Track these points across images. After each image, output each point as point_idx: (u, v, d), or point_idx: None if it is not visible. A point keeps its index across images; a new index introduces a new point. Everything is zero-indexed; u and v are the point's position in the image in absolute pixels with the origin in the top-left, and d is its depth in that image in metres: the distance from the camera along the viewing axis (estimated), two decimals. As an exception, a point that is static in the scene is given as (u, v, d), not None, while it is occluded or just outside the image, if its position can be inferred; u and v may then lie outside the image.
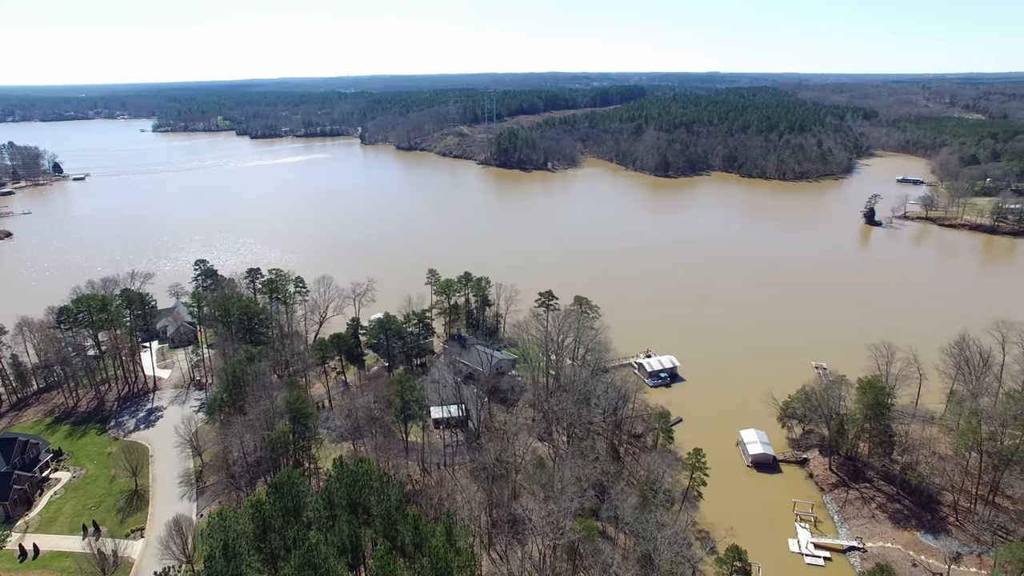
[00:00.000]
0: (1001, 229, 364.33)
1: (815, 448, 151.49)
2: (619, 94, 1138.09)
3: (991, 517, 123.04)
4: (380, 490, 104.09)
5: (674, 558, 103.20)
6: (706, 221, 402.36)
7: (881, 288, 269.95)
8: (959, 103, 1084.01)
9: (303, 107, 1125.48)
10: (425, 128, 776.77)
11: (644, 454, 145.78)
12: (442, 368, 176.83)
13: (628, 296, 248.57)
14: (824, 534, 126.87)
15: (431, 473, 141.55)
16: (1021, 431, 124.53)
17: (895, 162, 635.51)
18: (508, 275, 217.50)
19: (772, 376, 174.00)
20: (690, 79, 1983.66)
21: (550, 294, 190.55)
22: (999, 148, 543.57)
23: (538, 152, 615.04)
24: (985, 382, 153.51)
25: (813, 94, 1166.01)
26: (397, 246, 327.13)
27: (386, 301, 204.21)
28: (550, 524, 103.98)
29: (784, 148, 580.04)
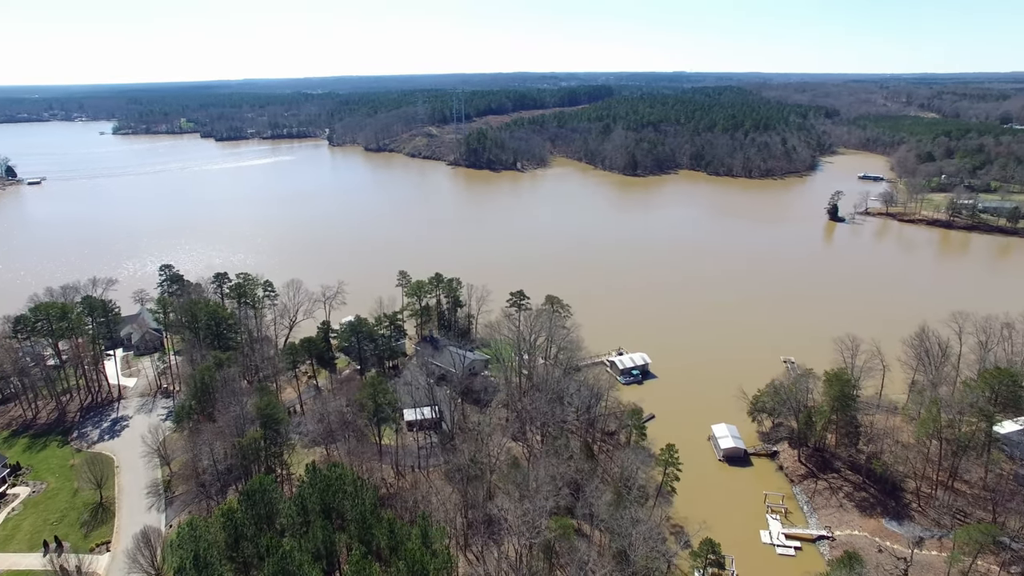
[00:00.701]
0: (956, 224, 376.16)
1: (784, 440, 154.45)
2: (587, 94, 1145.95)
3: (950, 502, 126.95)
4: (354, 494, 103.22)
5: (649, 553, 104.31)
6: (675, 219, 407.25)
7: (845, 282, 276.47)
8: (915, 102, 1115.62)
9: (269, 108, 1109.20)
10: (394, 129, 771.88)
11: (618, 451, 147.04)
12: (415, 370, 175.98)
13: (599, 294, 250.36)
14: (794, 524, 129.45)
15: (405, 476, 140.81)
16: (977, 418, 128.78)
17: (856, 159, 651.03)
18: (479, 276, 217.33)
19: (742, 371, 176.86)
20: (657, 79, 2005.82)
21: (521, 294, 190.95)
22: (952, 146, 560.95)
23: (507, 152, 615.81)
24: (944, 372, 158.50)
25: (777, 93, 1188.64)
26: (367, 248, 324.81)
27: (357, 304, 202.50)
28: (526, 523, 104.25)
29: (750, 146, 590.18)
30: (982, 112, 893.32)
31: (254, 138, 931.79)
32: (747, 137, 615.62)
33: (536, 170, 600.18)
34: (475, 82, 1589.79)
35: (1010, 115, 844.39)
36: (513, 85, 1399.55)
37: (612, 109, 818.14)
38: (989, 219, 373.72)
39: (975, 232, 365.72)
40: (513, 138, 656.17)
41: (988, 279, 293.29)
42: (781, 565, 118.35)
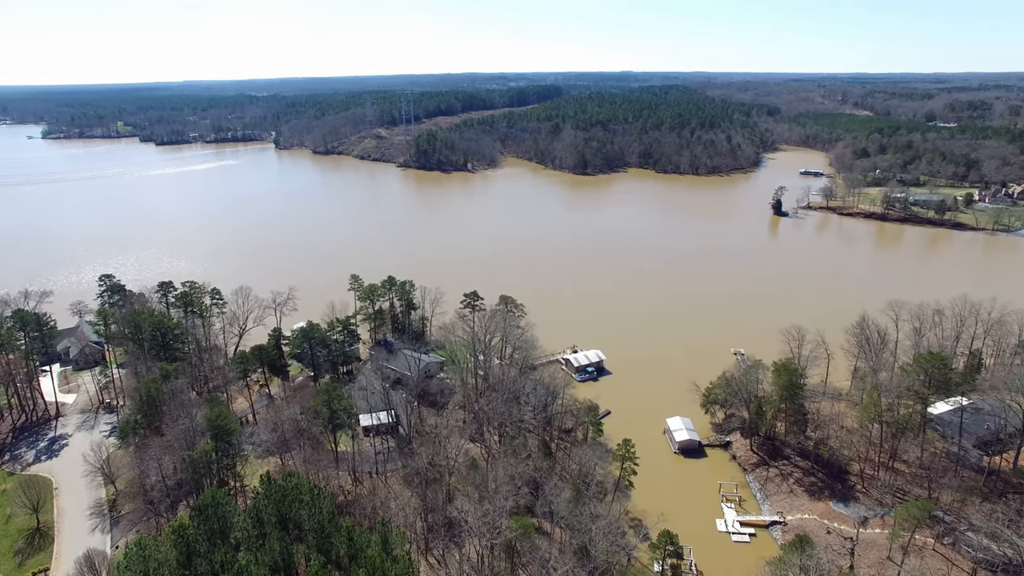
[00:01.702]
0: (890, 216, 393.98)
1: (737, 431, 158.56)
2: (536, 94, 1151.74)
3: (891, 481, 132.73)
4: (311, 503, 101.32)
5: (609, 547, 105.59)
6: (625, 217, 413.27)
7: (791, 275, 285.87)
8: (850, 100, 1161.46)
9: (212, 111, 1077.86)
10: (342, 131, 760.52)
11: (575, 448, 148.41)
12: (369, 374, 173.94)
13: (553, 293, 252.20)
14: (748, 512, 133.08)
15: (363, 482, 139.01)
16: (913, 401, 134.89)
17: (798, 155, 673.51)
18: (432, 277, 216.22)
19: (694, 364, 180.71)
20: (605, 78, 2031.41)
21: (475, 295, 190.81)
22: (885, 142, 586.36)
23: (457, 153, 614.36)
24: (883, 358, 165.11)
25: (721, 92, 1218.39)
26: (318, 253, 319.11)
27: (308, 309, 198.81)
28: (486, 524, 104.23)
29: (696, 144, 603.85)
30: (910, 110, 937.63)
31: (197, 142, 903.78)
32: (693, 135, 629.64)
33: (487, 170, 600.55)
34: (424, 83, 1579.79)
35: (934, 113, 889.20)
36: (462, 86, 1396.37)
37: (561, 109, 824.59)
38: (919, 211, 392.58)
39: (907, 224, 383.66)
40: (463, 139, 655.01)
41: (920, 268, 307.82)
42: (737, 552, 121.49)
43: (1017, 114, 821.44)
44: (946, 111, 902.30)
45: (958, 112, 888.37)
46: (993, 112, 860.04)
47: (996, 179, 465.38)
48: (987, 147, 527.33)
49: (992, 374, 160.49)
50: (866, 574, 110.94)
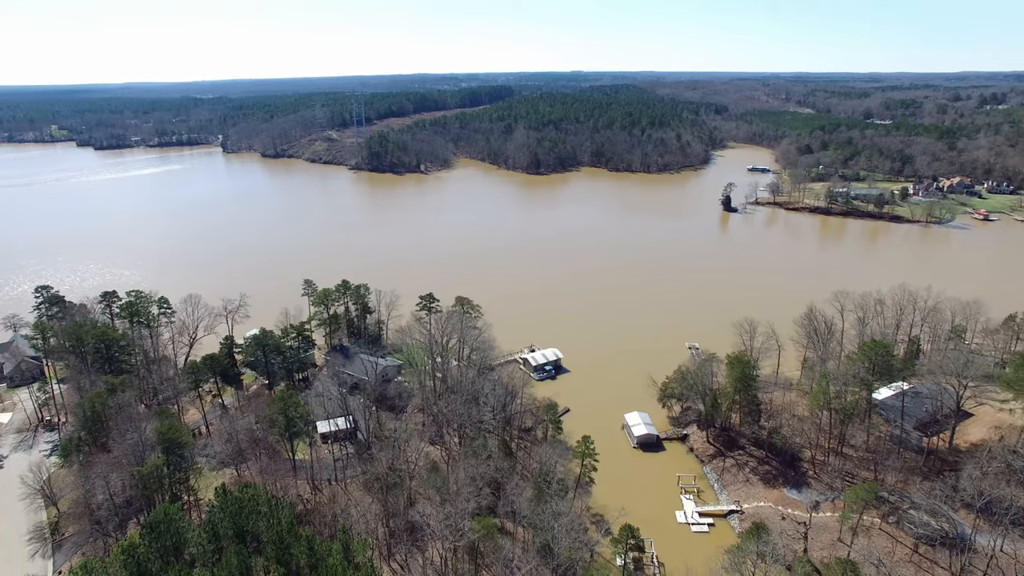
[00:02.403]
0: (833, 210, 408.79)
1: (693, 423, 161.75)
2: (488, 94, 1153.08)
3: (840, 466, 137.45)
4: (269, 514, 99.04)
5: (572, 544, 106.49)
6: (579, 216, 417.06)
7: (742, 269, 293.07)
8: (793, 99, 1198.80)
9: (155, 114, 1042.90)
10: (292, 134, 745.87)
11: (535, 447, 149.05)
12: (326, 380, 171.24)
13: (509, 293, 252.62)
14: (707, 502, 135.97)
15: (322, 490, 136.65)
16: (859, 388, 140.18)
17: (745, 152, 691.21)
18: (388, 280, 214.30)
19: (650, 359, 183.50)
20: (556, 78, 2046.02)
21: (431, 297, 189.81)
22: (827, 139, 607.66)
23: (410, 155, 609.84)
24: (830, 347, 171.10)
25: (670, 91, 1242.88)
26: (270, 258, 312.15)
27: (261, 316, 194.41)
28: (449, 527, 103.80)
29: (647, 142, 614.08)
30: (849, 108, 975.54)
31: (140, 146, 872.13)
32: (644, 133, 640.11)
33: (440, 172, 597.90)
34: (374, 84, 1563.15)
35: (871, 111, 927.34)
36: (413, 87, 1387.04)
37: (513, 109, 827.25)
38: (860, 205, 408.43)
39: (849, 217, 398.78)
40: (415, 140, 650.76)
41: (862, 259, 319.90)
42: (696, 542, 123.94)
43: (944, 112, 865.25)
44: (881, 109, 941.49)
45: (892, 110, 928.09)
46: (923, 110, 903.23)
47: (928, 174, 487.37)
48: (919, 143, 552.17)
49: (929, 359, 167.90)
50: (819, 556, 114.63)
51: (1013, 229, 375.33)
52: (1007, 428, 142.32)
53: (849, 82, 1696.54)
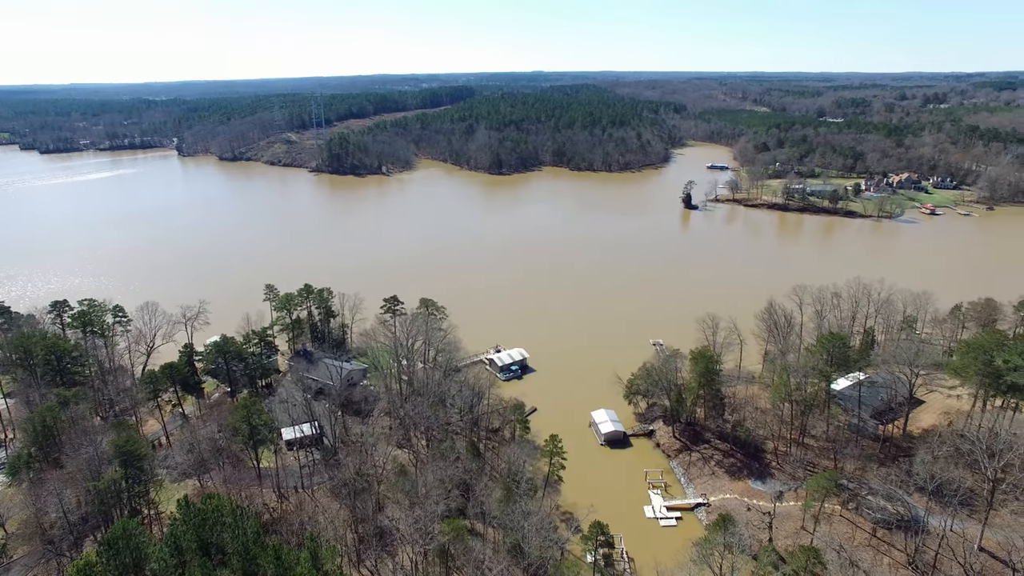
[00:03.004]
0: (790, 207, 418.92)
1: (659, 419, 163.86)
2: (449, 95, 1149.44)
3: (802, 456, 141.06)
4: (234, 525, 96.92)
5: (542, 543, 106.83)
6: (542, 215, 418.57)
7: (703, 265, 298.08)
8: (749, 98, 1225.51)
9: (105, 117, 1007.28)
10: (250, 136, 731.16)
11: (503, 447, 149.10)
12: (290, 386, 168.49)
13: (474, 294, 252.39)
14: (674, 496, 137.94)
15: (289, 498, 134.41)
16: (818, 379, 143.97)
17: (704, 150, 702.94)
18: (351, 284, 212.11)
19: (616, 357, 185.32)
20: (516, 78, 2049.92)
21: (395, 299, 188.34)
22: (782, 137, 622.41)
23: (371, 156, 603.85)
24: (790, 340, 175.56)
25: (629, 90, 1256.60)
26: (229, 264, 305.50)
27: (222, 323, 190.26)
28: (418, 530, 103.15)
29: (608, 141, 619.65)
30: (803, 107, 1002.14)
31: (89, 149, 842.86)
32: (605, 133, 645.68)
33: (402, 173, 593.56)
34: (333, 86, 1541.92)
35: (824, 110, 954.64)
36: (373, 88, 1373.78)
37: (474, 109, 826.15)
38: (816, 201, 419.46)
39: (806, 213, 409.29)
40: (376, 142, 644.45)
41: (819, 254, 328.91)
42: (665, 535, 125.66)
43: (891, 111, 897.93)
44: (833, 108, 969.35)
45: (844, 109, 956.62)
46: (872, 109, 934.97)
47: (878, 170, 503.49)
48: (869, 141, 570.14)
49: (883, 349, 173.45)
50: (783, 545, 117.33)
51: (956, 223, 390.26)
52: (955, 413, 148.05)
53: (803, 81, 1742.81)
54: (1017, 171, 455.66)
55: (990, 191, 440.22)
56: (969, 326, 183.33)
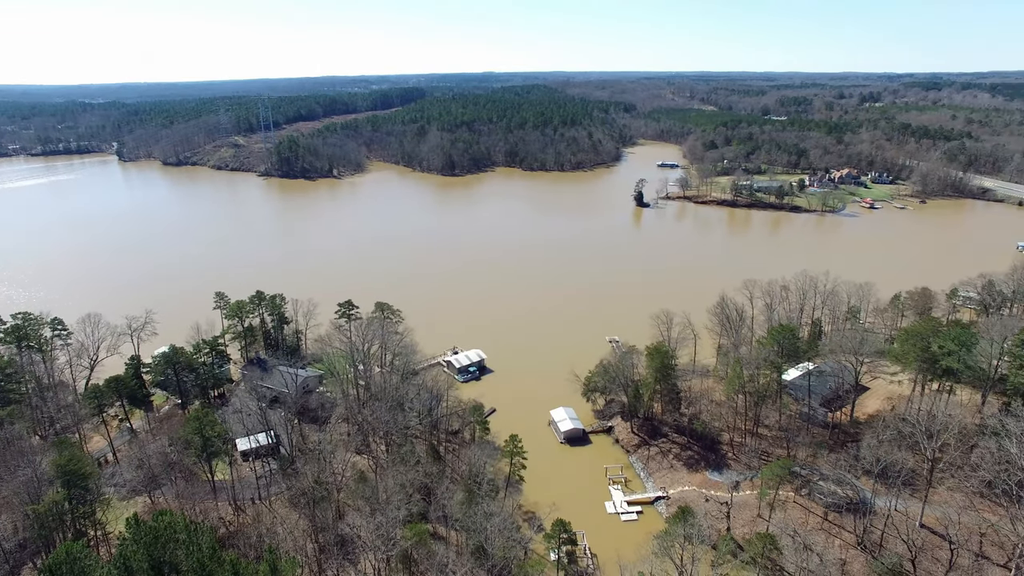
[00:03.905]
0: (739, 202, 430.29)
1: (617, 415, 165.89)
2: (399, 96, 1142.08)
3: (757, 446, 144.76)
4: (188, 541, 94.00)
5: (506, 543, 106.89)
6: (495, 215, 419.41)
7: (656, 262, 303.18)
8: (697, 97, 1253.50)
9: (36, 120, 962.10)
10: (195, 140, 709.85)
11: (464, 449, 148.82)
12: (244, 396, 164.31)
13: (429, 296, 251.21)
14: (634, 491, 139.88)
15: (246, 510, 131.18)
16: (769, 370, 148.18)
17: (654, 149, 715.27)
18: (304, 289, 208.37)
19: (573, 355, 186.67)
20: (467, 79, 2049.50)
21: (350, 303, 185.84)
22: (729, 134, 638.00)
23: (322, 159, 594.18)
24: (742, 333, 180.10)
25: (580, 90, 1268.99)
26: (177, 272, 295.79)
27: (171, 333, 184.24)
28: (380, 537, 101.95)
29: (560, 141, 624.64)
30: (748, 106, 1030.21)
31: (19, 155, 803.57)
32: (556, 133, 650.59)
33: (354, 176, 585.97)
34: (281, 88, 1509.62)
35: (768, 108, 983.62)
36: (322, 90, 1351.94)
37: (426, 110, 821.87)
38: (763, 197, 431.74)
39: (754, 208, 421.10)
40: (327, 144, 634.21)
41: (767, 248, 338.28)
42: (626, 530, 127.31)
43: (831, 109, 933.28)
44: (777, 106, 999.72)
45: (787, 107, 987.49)
46: (813, 107, 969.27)
47: (820, 166, 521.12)
48: (811, 138, 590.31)
49: (830, 339, 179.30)
50: (741, 533, 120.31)
51: (893, 216, 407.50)
52: (897, 398, 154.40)
53: (747, 80, 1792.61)
54: (945, 166, 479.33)
55: (922, 185, 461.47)
56: (908, 314, 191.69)
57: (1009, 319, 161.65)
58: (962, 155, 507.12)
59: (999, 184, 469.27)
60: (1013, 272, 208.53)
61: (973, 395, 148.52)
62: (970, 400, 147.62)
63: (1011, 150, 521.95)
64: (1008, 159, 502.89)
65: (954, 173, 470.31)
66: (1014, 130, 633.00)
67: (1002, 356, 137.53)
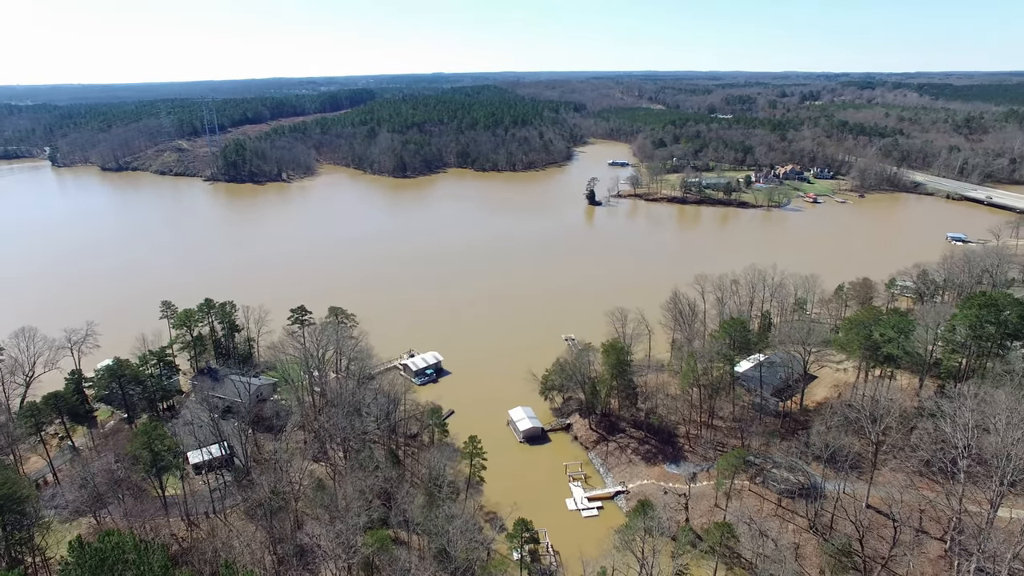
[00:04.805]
0: (688, 199, 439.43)
1: (575, 412, 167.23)
2: (348, 98, 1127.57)
3: (712, 437, 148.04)
4: (138, 561, 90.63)
5: (468, 545, 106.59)
6: (448, 216, 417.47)
7: (609, 260, 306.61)
8: (645, 96, 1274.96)
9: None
10: (136, 145, 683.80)
11: (423, 452, 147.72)
12: (195, 407, 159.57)
13: (383, 299, 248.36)
14: (594, 487, 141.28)
15: (200, 525, 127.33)
16: (722, 363, 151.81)
17: (605, 148, 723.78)
18: (255, 296, 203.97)
19: (529, 354, 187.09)
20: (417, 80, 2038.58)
21: (303, 309, 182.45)
22: (678, 133, 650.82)
23: (270, 163, 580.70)
24: (695, 328, 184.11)
25: (530, 90, 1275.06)
26: (120, 282, 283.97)
27: (114, 345, 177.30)
28: (340, 545, 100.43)
29: (511, 141, 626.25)
30: (695, 104, 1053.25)
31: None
32: (508, 133, 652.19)
33: (303, 180, 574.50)
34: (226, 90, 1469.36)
35: (715, 107, 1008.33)
36: (269, 92, 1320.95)
37: (376, 112, 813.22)
38: (711, 193, 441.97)
39: (703, 205, 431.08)
40: (275, 148, 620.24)
41: (717, 243, 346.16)
42: (588, 526, 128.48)
43: (774, 107, 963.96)
44: (723, 104, 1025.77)
45: (732, 105, 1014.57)
46: (757, 105, 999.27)
47: (766, 162, 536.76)
48: (757, 135, 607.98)
49: (779, 330, 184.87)
50: (699, 523, 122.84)
51: (835, 209, 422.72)
52: (843, 385, 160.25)
53: (694, 80, 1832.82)
54: (881, 162, 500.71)
55: (861, 180, 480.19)
56: (851, 304, 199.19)
57: (942, 306, 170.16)
58: (896, 151, 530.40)
59: (929, 178, 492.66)
60: (944, 262, 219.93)
61: (912, 379, 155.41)
62: (909, 384, 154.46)
63: (938, 146, 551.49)
64: (936, 155, 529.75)
65: (889, 168, 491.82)
66: (940, 128, 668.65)
67: (936, 341, 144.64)
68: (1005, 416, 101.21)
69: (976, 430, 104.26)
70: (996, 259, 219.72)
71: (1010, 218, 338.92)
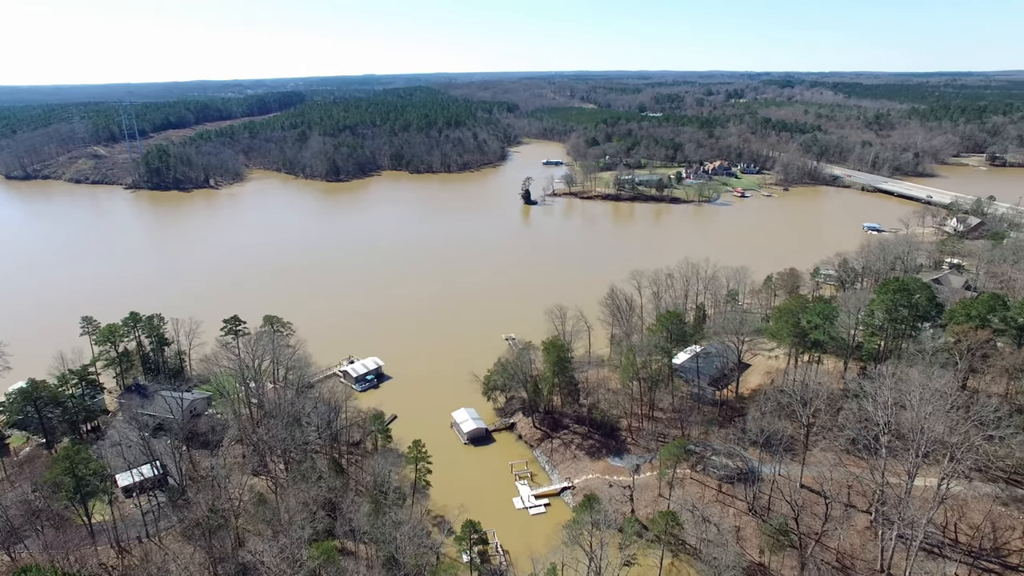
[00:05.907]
0: (622, 196, 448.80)
1: (519, 411, 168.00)
2: (277, 101, 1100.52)
3: (653, 429, 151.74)
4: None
5: (417, 551, 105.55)
6: (383, 219, 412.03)
7: (546, 258, 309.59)
8: (577, 95, 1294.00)
9: None
10: (46, 151, 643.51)
11: (367, 459, 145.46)
12: (122, 426, 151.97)
13: (320, 306, 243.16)
14: (540, 484, 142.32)
15: (132, 551, 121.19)
16: (660, 355, 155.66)
17: (539, 147, 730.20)
18: (185, 308, 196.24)
19: (470, 355, 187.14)
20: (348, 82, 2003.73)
21: (236, 319, 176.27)
22: (610, 131, 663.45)
23: (196, 169, 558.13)
24: (633, 322, 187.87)
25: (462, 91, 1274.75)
26: (31, 299, 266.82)
27: (28, 366, 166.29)
28: (285, 559, 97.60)
29: (445, 142, 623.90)
30: (625, 103, 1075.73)
31: None
32: (441, 134, 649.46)
33: (232, 186, 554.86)
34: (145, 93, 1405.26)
35: (644, 105, 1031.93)
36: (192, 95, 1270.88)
37: (306, 115, 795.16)
38: (644, 190, 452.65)
39: (636, 202, 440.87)
40: (201, 153, 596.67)
41: (651, 238, 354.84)
42: (536, 523, 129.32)
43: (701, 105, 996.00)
44: (652, 103, 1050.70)
45: (661, 104, 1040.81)
46: (685, 103, 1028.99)
47: (695, 159, 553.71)
48: (686, 132, 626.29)
49: (714, 321, 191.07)
50: (644, 513, 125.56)
51: (761, 203, 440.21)
52: (775, 372, 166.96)
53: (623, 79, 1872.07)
54: (802, 157, 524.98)
55: (784, 174, 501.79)
56: (779, 294, 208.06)
57: (861, 292, 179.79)
58: (815, 146, 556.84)
59: (845, 172, 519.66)
60: (862, 250, 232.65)
61: (837, 363, 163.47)
62: (835, 368, 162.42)
63: (852, 142, 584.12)
64: (851, 150, 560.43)
65: (810, 163, 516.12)
66: (853, 124, 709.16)
67: (857, 326, 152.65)
68: (918, 392, 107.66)
69: (895, 407, 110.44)
70: (907, 247, 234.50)
71: (916, 208, 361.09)
